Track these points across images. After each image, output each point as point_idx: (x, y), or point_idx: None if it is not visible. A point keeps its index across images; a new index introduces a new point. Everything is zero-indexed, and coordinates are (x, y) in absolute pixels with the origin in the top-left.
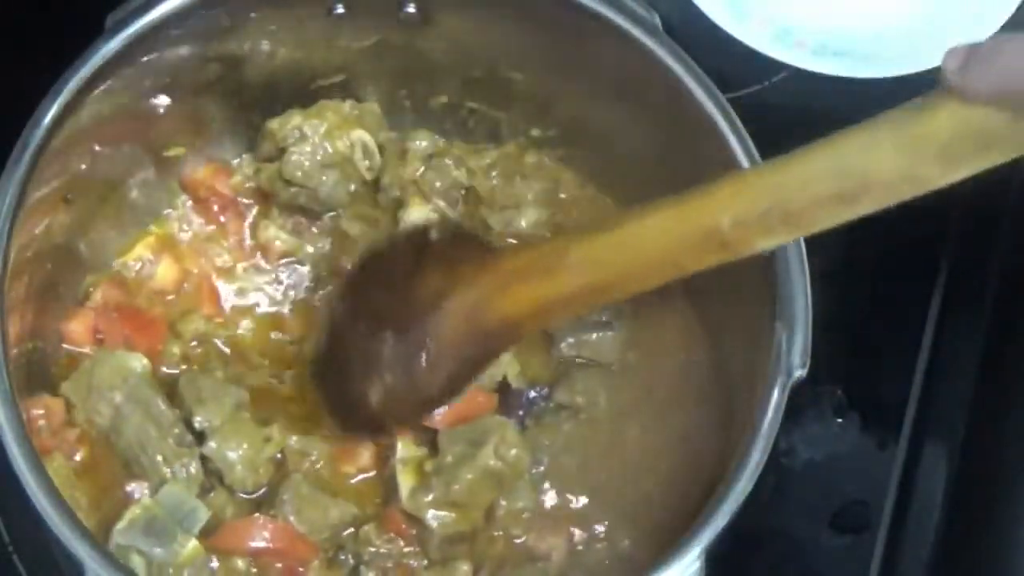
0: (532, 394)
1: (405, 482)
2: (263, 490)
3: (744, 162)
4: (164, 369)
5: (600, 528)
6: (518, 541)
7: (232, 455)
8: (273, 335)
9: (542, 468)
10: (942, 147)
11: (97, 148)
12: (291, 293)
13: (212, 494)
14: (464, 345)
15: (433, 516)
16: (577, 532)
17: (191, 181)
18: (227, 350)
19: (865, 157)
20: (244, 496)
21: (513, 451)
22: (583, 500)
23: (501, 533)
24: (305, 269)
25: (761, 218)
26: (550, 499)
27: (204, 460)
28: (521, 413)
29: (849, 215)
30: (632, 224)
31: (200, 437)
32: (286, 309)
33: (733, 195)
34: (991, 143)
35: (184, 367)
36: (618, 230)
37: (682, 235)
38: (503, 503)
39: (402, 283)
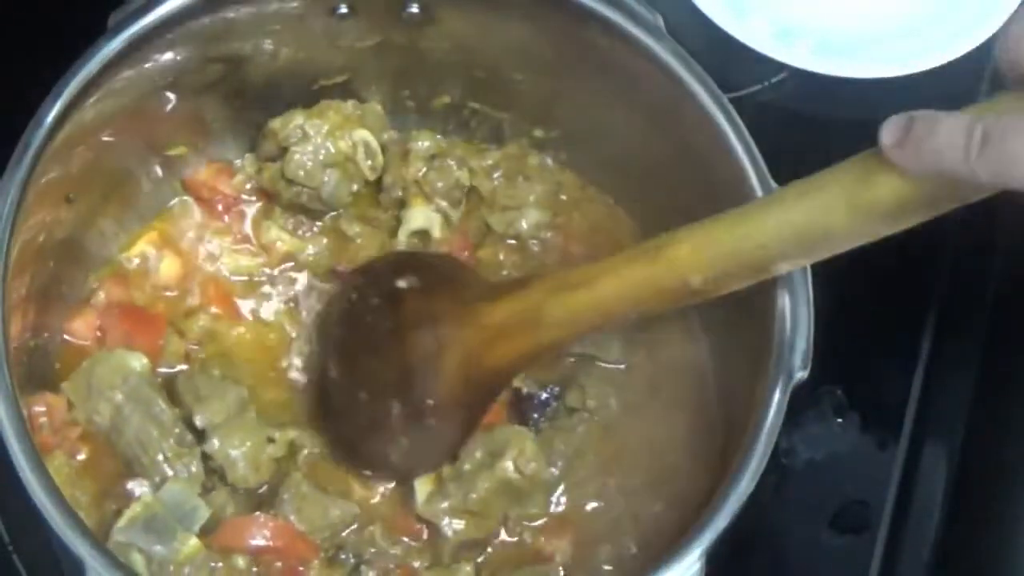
0: (544, 396)
1: (422, 487)
2: (264, 488)
3: (746, 162)
4: (164, 368)
5: (605, 530)
6: (522, 542)
7: (235, 452)
8: (272, 335)
9: (556, 472)
10: (889, 210)
11: (99, 148)
12: (293, 292)
13: (213, 493)
14: (464, 396)
15: (448, 523)
16: (582, 534)
17: (192, 182)
18: (225, 354)
19: (820, 219)
20: (245, 492)
21: (532, 464)
22: (592, 502)
23: (514, 539)
24: (306, 269)
25: (726, 273)
26: (562, 503)
27: (205, 458)
28: (536, 416)
29: (812, 261)
30: (603, 283)
31: (201, 435)
32: (287, 308)
33: (697, 255)
34: (933, 202)
35: (184, 366)
36: (589, 289)
37: (653, 292)
38: (516, 510)
39: (387, 344)
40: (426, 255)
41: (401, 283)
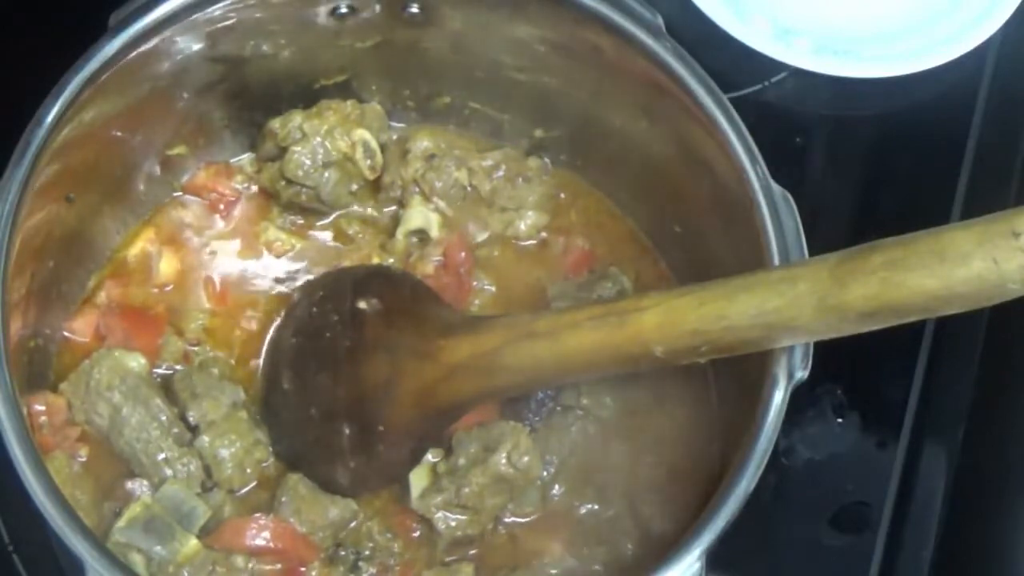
0: (540, 395)
1: (417, 482)
2: (251, 486)
3: (745, 162)
4: (164, 369)
5: (603, 530)
6: (519, 542)
7: (224, 452)
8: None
9: (552, 470)
10: (857, 315)
11: (99, 148)
12: (292, 291)
13: (212, 492)
14: (415, 425)
15: (442, 518)
16: (579, 534)
17: (192, 183)
18: (223, 354)
19: (788, 311)
20: (242, 493)
21: (525, 458)
22: (588, 502)
23: (511, 540)
24: (305, 268)
25: (690, 347)
26: (558, 501)
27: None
28: (531, 415)
29: (775, 347)
30: (566, 338)
31: (194, 432)
32: (286, 307)
33: (663, 328)
34: (901, 314)
35: (181, 366)
36: (552, 342)
37: (615, 356)
38: (510, 507)
39: (343, 364)
40: (393, 275)
41: (362, 304)
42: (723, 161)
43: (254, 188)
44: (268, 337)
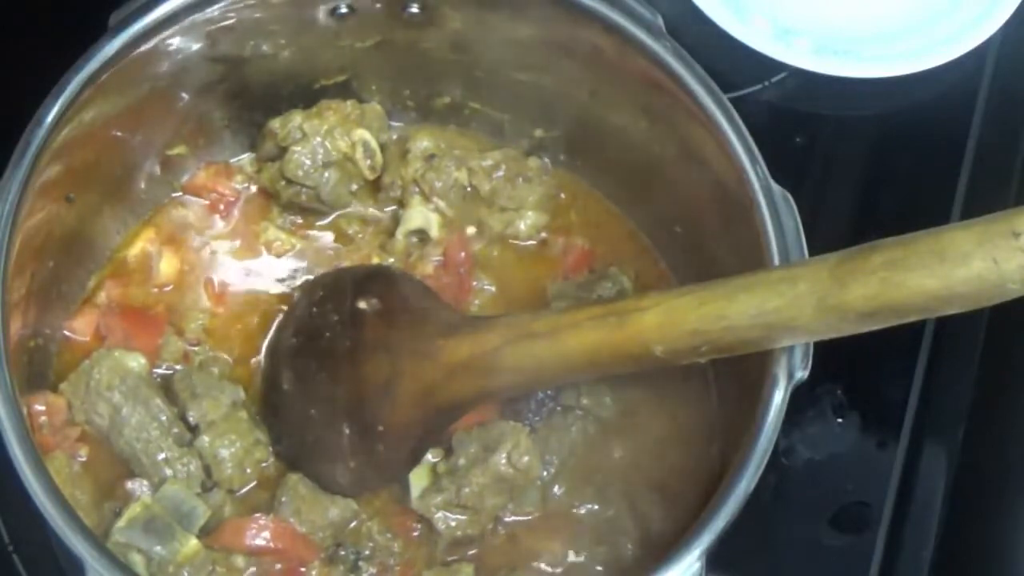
0: (540, 395)
1: (417, 482)
2: (251, 486)
3: (745, 162)
4: (163, 369)
5: (603, 530)
6: (519, 541)
7: (224, 452)
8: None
9: (552, 470)
10: (857, 315)
11: (99, 148)
12: (291, 291)
13: (212, 492)
14: (415, 426)
15: (442, 518)
16: (580, 534)
17: (192, 185)
18: (223, 353)
19: (788, 311)
20: (242, 493)
21: (525, 458)
22: (588, 502)
23: (504, 532)
24: (305, 268)
25: (691, 347)
26: (558, 502)
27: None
28: (531, 414)
29: (776, 346)
30: (566, 338)
31: (193, 432)
32: (285, 307)
33: (663, 328)
34: (902, 314)
35: (181, 366)
36: (551, 342)
37: (615, 356)
38: (510, 507)
39: (343, 365)
40: (393, 275)
41: (362, 304)
42: (723, 161)
43: (254, 188)
44: (268, 337)
